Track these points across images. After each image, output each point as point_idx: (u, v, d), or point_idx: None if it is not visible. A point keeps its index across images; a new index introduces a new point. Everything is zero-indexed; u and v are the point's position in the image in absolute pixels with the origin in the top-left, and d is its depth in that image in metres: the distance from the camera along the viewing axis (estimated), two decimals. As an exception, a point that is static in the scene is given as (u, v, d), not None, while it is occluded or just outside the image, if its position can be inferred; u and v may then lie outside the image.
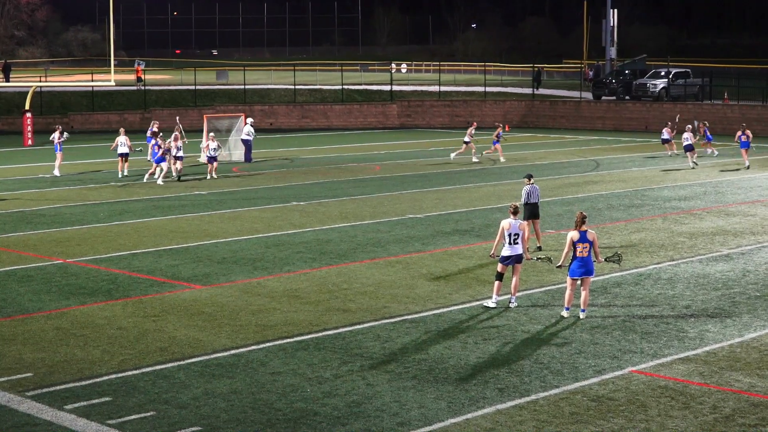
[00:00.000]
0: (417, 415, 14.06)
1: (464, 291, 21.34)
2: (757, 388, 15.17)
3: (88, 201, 34.80)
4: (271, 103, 70.69)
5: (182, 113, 66.37)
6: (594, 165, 45.95)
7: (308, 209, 32.75)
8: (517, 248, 19.71)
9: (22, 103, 59.06)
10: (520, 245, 19.76)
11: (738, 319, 19.05)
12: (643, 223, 29.85)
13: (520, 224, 19.79)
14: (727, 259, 24.51)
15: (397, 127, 69.91)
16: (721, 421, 13.81)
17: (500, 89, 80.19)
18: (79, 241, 27.29)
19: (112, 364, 16.43)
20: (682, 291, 21.28)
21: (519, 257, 19.80)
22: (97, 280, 22.46)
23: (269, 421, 13.88)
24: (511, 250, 19.70)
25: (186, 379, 15.67)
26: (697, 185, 38.23)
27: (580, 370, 15.99)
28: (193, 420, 13.93)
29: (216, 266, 23.93)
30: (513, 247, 19.68)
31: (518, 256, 19.76)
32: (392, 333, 18.17)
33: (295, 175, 42.45)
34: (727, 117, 64.71)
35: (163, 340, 17.81)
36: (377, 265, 24.04)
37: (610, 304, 20.15)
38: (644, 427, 13.63)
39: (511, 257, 19.73)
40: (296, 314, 19.51)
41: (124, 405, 14.49)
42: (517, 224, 19.73)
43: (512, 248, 19.69)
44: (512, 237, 19.66)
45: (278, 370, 16.09)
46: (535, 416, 14.02)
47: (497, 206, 32.84)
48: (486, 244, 26.39)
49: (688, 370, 16.04)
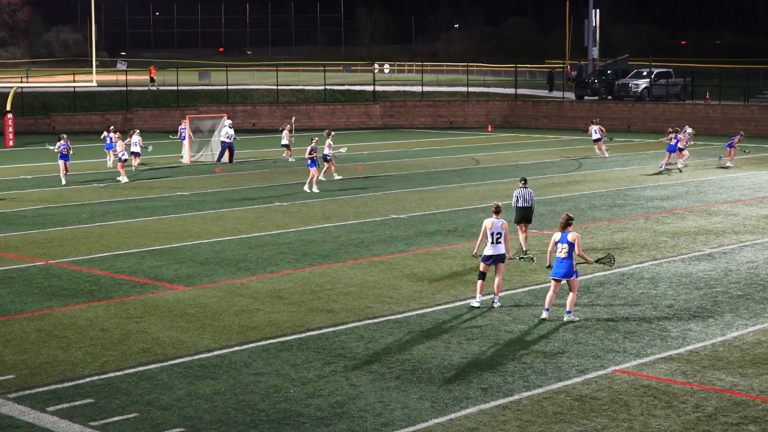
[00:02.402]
0: (400, 416, 14.06)
1: (447, 291, 21.36)
2: (739, 386, 15.22)
3: (71, 202, 34.70)
4: (253, 104, 70.62)
5: (164, 114, 66.34)
6: (576, 165, 46.04)
7: (291, 210, 32.73)
8: (499, 248, 19.70)
9: (4, 103, 58.86)
10: (503, 245, 19.75)
11: (720, 318, 19.12)
12: (625, 222, 29.92)
13: (502, 223, 19.79)
14: (709, 259, 24.59)
15: (380, 128, 69.93)
16: (703, 420, 13.85)
17: (483, 89, 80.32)
18: (61, 242, 27.21)
19: (94, 365, 16.38)
20: (664, 290, 21.35)
21: (501, 257, 19.79)
22: (80, 282, 22.40)
23: (253, 422, 13.87)
24: (493, 249, 19.70)
25: (169, 380, 15.64)
26: (680, 185, 38.34)
27: (564, 370, 16.02)
28: (176, 421, 13.90)
29: (199, 267, 23.89)
30: (495, 247, 19.68)
31: (500, 255, 19.75)
32: (376, 333, 18.17)
33: (278, 176, 42.41)
34: (709, 117, 64.95)
35: (145, 341, 17.76)
36: (360, 265, 24.04)
37: (593, 304, 20.20)
38: (627, 426, 13.66)
39: (493, 257, 19.72)
40: (279, 315, 19.49)
41: (106, 407, 14.45)
42: (499, 223, 19.74)
43: (494, 247, 19.69)
44: (494, 236, 19.67)
45: (261, 370, 16.07)
46: (519, 416, 14.04)
47: (480, 206, 32.87)
48: (469, 244, 26.42)
49: (671, 369, 16.08)
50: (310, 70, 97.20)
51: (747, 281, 22.16)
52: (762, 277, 22.60)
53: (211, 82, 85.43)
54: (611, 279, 22.39)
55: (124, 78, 73.06)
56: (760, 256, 24.83)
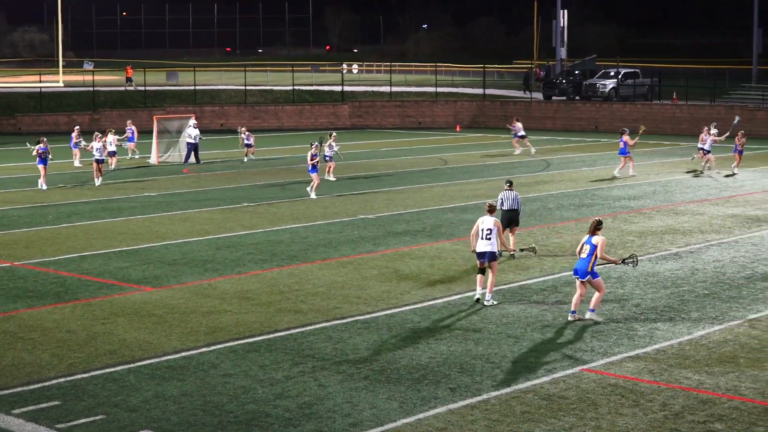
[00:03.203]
0: (369, 416, 14.06)
1: (416, 291, 21.37)
2: (705, 385, 15.32)
3: (36, 203, 34.49)
4: (221, 104, 70.43)
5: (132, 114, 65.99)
6: (545, 165, 46.19)
7: (259, 210, 32.66)
8: (489, 245, 19.86)
9: (-31, 104, 58.37)
10: (493, 242, 19.90)
11: (687, 317, 19.23)
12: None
13: (494, 221, 20.02)
14: (676, 258, 24.74)
15: (349, 128, 69.87)
16: (670, 419, 13.93)
17: (451, 89, 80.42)
18: (26, 243, 27.03)
19: (61, 367, 16.29)
20: (631, 290, 21.45)
21: (492, 254, 19.93)
22: (46, 283, 22.26)
23: (220, 424, 13.83)
24: (484, 246, 19.89)
25: (136, 382, 15.57)
26: (646, 185, 38.54)
27: (532, 369, 16.06)
28: (143, 423, 13.84)
29: (166, 268, 23.80)
30: (485, 243, 19.86)
31: (491, 253, 19.90)
32: (344, 334, 18.16)
33: (246, 176, 42.32)
34: (676, 117, 65.36)
35: (112, 342, 17.68)
36: (328, 266, 24.02)
37: (561, 303, 20.26)
38: (595, 425, 13.72)
39: (485, 254, 19.90)
40: (247, 316, 19.45)
41: (73, 409, 14.37)
42: (491, 221, 19.98)
43: (485, 244, 19.88)
44: (485, 233, 19.88)
45: (229, 371, 16.03)
46: (487, 415, 14.07)
47: (448, 206, 32.92)
48: (437, 244, 26.48)
49: (638, 368, 16.16)
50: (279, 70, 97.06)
51: (713, 280, 22.31)
52: (728, 276, 22.75)
53: (178, 82, 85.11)
54: (579, 278, 22.47)
55: (91, 78, 72.66)
56: (726, 255, 24.99)
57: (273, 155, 51.63)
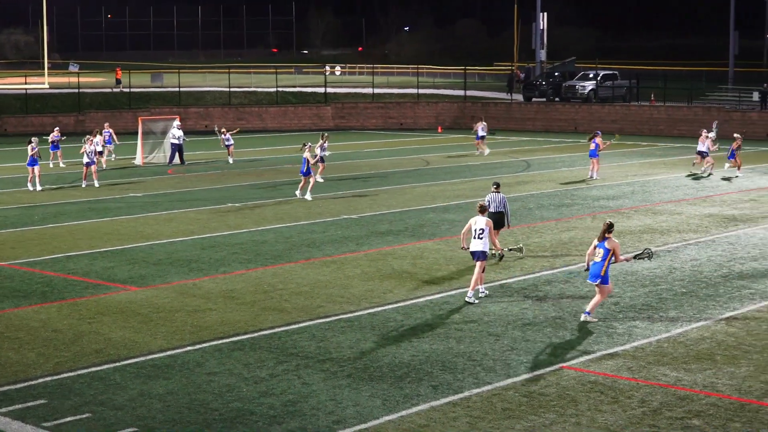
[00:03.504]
0: (352, 413, 14.07)
1: (398, 290, 21.39)
2: (683, 381, 15.38)
3: (23, 204, 34.37)
4: (206, 106, 70.31)
5: (117, 116, 65.85)
6: (525, 165, 46.27)
7: (243, 210, 32.63)
8: (480, 243, 20.05)
9: (-45, 105, 58.15)
10: (485, 241, 20.07)
11: (665, 315, 19.30)
12: (572, 222, 30.13)
13: (486, 221, 20.19)
14: (654, 257, 24.78)
15: (332, 129, 69.78)
16: (649, 415, 13.98)
17: (433, 91, 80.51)
18: (13, 243, 26.94)
19: (47, 366, 16.25)
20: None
21: (482, 253, 20.10)
22: (32, 283, 22.20)
23: (205, 422, 13.82)
24: (475, 245, 20.11)
25: (122, 380, 15.54)
26: (625, 185, 38.66)
27: (512, 367, 16.10)
28: (129, 421, 13.82)
29: (152, 268, 23.76)
30: (477, 242, 20.08)
31: (481, 252, 20.07)
32: (327, 332, 18.17)
33: (231, 177, 42.27)
34: (654, 118, 65.57)
35: (98, 342, 17.65)
36: (312, 265, 24.02)
37: (542, 302, 20.32)
38: (575, 421, 13.76)
39: (476, 252, 20.12)
40: (232, 314, 19.43)
41: (59, 407, 14.33)
42: (483, 221, 20.17)
43: (476, 243, 20.09)
44: (476, 232, 20.08)
45: (214, 370, 16.02)
46: (469, 412, 14.10)
47: (431, 206, 32.96)
48: (420, 244, 26.51)
49: (617, 365, 16.21)
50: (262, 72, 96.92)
51: (691, 279, 22.40)
52: (705, 274, 22.85)
53: (163, 84, 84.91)
54: (558, 277, 22.54)
55: (76, 80, 72.44)
56: (703, 254, 25.09)
57: (257, 156, 51.57)
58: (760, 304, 20.21)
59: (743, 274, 22.92)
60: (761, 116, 62.27)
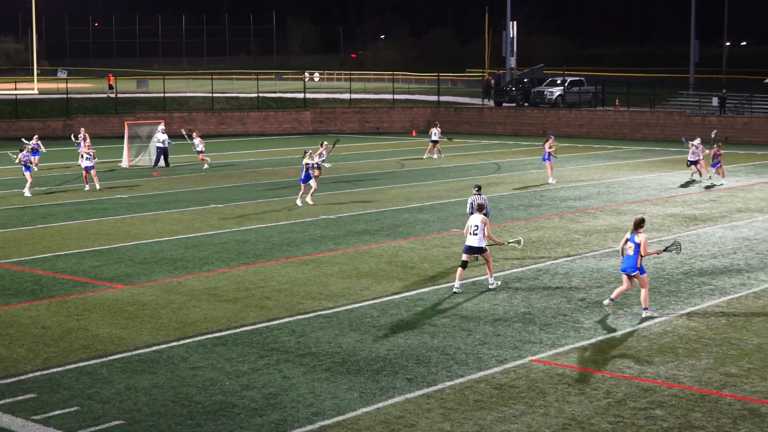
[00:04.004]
0: (331, 405, 14.06)
1: (374, 287, 21.39)
2: (646, 374, 15.44)
3: (13, 205, 34.18)
4: (189, 110, 70.12)
5: (104, 120, 65.59)
6: (495, 167, 46.35)
7: (226, 211, 32.55)
8: (476, 239, 20.57)
9: (-53, 110, 57.76)
10: (480, 237, 20.54)
11: (629, 310, 19.36)
12: (541, 221, 30.19)
13: (481, 219, 20.69)
14: (618, 255, 24.84)
15: (311, 133, 69.79)
16: (614, 405, 14.03)
17: (407, 97, 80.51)
18: (3, 243, 26.79)
19: (36, 361, 16.16)
20: (577, 284, 21.58)
21: (480, 249, 20.65)
22: (22, 281, 22.08)
23: (189, 414, 13.78)
24: (472, 241, 20.65)
25: (109, 375, 15.48)
26: (591, 186, 38.77)
27: (484, 360, 16.12)
28: (115, 414, 13.76)
29: (138, 266, 23.67)
30: (473, 239, 20.63)
31: (479, 247, 20.63)
32: (307, 328, 18.15)
33: (214, 179, 42.15)
34: (618, 122, 65.81)
35: (86, 338, 17.57)
36: (292, 263, 23.99)
37: (512, 298, 20.35)
38: (543, 412, 13.79)
39: (473, 248, 20.68)
40: (215, 311, 19.38)
41: (48, 401, 14.26)
42: (478, 218, 20.68)
43: (472, 239, 20.64)
44: (472, 228, 20.61)
45: (198, 364, 15.97)
46: (442, 404, 14.11)
47: (405, 207, 32.97)
48: (395, 243, 26.51)
49: (584, 358, 16.26)
50: (244, 78, 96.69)
51: (654, 276, 22.48)
52: (667, 271, 22.94)
53: (148, 90, 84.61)
54: (528, 275, 22.59)
55: (65, 86, 72.11)
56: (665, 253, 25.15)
57: (239, 159, 51.44)
58: (719, 299, 20.31)
59: (703, 271, 23.03)
60: (720, 120, 62.60)
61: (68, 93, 69.66)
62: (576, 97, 71.16)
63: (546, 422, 13.43)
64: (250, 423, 13.43)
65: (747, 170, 44.69)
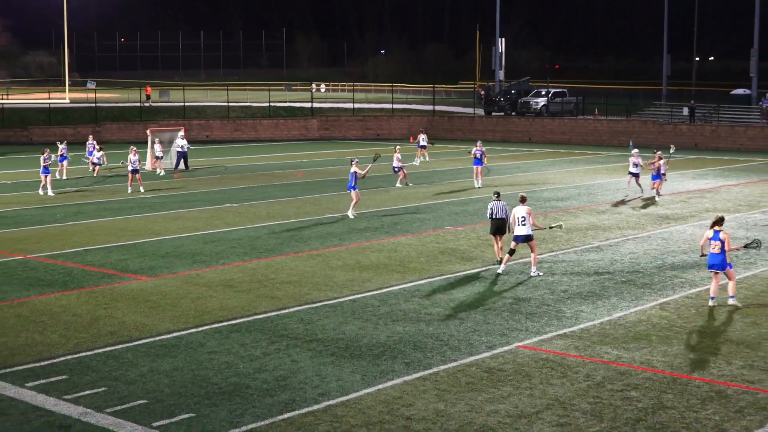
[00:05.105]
0: (335, 387, 14.06)
1: (376, 279, 21.37)
2: (623, 358, 15.44)
3: (46, 204, 34.16)
4: (207, 118, 70.03)
5: (129, 127, 65.53)
6: (486, 171, 46.28)
7: (240, 210, 32.53)
8: (524, 229, 21.13)
9: (-14, 118, 57.72)
10: (527, 226, 21.11)
11: (607, 301, 19.36)
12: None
13: (527, 209, 21.20)
14: (597, 250, 24.89)
15: (317, 139, 69.75)
16: (593, 387, 14.03)
17: (406, 106, 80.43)
18: (37, 239, 26.78)
19: (67, 346, 16.16)
20: (560, 278, 21.57)
21: (527, 236, 21.15)
22: (54, 273, 22.07)
23: (207, 394, 13.78)
24: (519, 230, 21.16)
25: (133, 358, 15.48)
26: (572, 188, 38.74)
27: (475, 346, 16.12)
28: (140, 394, 13.77)
29: (160, 260, 23.66)
30: (521, 228, 21.16)
31: (525, 236, 21.13)
32: (314, 316, 18.14)
33: (229, 181, 42.12)
34: (598, 130, 65.76)
35: (113, 325, 17.56)
36: (300, 258, 23.97)
37: (500, 290, 20.34)
38: (529, 393, 13.79)
39: (520, 236, 21.17)
40: (230, 301, 19.37)
41: (78, 382, 14.27)
42: (524, 210, 21.21)
43: (520, 229, 21.18)
44: (519, 219, 21.11)
45: (215, 349, 15.97)
46: (437, 386, 14.10)
47: (404, 206, 32.95)
48: (394, 239, 26.49)
49: (566, 344, 16.26)
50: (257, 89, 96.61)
51: (630, 269, 22.48)
52: (642, 265, 22.93)
53: (170, 99, 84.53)
54: (515, 268, 22.56)
55: (94, 95, 72.01)
56: (640, 248, 25.18)
57: (252, 162, 51.41)
58: (689, 291, 20.30)
59: (675, 265, 23.02)
60: (690, 128, 62.58)
61: (97, 102, 69.60)
62: (559, 106, 71.12)
63: (531, 402, 13.43)
64: (262, 402, 13.43)
65: (714, 173, 44.67)
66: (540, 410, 13.14)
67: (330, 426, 12.58)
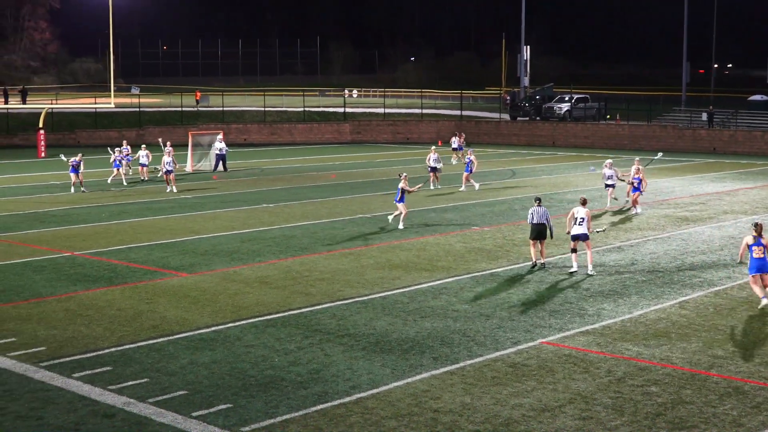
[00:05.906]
0: (366, 380, 14.04)
1: (405, 277, 21.34)
2: (643, 355, 15.33)
3: (92, 203, 34.40)
4: (245, 122, 70.25)
5: (170, 130, 65.87)
6: (511, 173, 46.15)
7: (276, 210, 32.60)
8: (581, 228, 21.33)
9: (37, 122, 58.25)
10: (584, 227, 21.29)
11: (628, 299, 19.23)
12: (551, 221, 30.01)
13: (586, 211, 21.40)
14: (619, 251, 24.73)
15: (349, 142, 69.79)
16: (614, 383, 13.93)
17: (434, 111, 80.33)
18: (84, 237, 26.97)
19: (112, 339, 16.26)
20: (582, 276, 21.44)
21: (583, 236, 21.35)
22: (100, 270, 22.21)
23: (243, 386, 13.81)
24: (577, 230, 21.35)
25: (174, 351, 15.54)
26: (595, 190, 38.49)
27: (500, 342, 16.06)
28: (180, 385, 13.82)
29: (199, 257, 23.75)
30: (578, 228, 21.34)
31: (582, 234, 21.34)
32: (346, 312, 18.14)
33: (265, 182, 42.24)
34: (619, 135, 65.36)
35: (155, 319, 17.65)
36: (333, 256, 23.98)
37: (525, 288, 20.26)
38: (552, 387, 13.72)
39: (578, 235, 21.39)
40: (266, 297, 19.41)
41: (122, 373, 14.34)
42: (583, 211, 21.37)
43: (577, 228, 21.36)
44: (578, 220, 21.32)
45: (251, 343, 16.00)
46: (463, 380, 14.06)
47: (432, 207, 32.90)
48: (422, 239, 26.44)
49: (588, 341, 16.16)
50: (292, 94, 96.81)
51: (650, 269, 22.32)
52: (662, 265, 22.76)
53: (209, 104, 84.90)
54: (536, 269, 22.43)
55: (137, 101, 72.45)
56: (660, 249, 25.00)
57: (287, 165, 51.53)
58: (707, 290, 20.13)
59: (694, 265, 22.83)
60: (708, 133, 62.06)
61: (140, 107, 70.03)
62: (582, 112, 70.75)
63: (554, 397, 13.36)
64: (296, 394, 13.44)
65: (732, 177, 44.27)
66: (563, 404, 13.06)
67: (360, 417, 12.57)
